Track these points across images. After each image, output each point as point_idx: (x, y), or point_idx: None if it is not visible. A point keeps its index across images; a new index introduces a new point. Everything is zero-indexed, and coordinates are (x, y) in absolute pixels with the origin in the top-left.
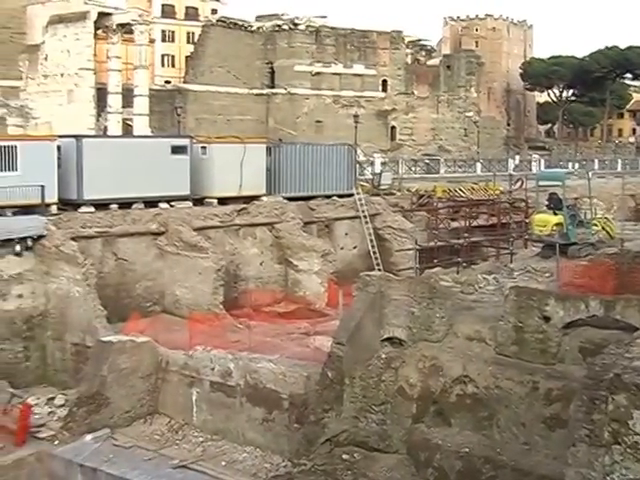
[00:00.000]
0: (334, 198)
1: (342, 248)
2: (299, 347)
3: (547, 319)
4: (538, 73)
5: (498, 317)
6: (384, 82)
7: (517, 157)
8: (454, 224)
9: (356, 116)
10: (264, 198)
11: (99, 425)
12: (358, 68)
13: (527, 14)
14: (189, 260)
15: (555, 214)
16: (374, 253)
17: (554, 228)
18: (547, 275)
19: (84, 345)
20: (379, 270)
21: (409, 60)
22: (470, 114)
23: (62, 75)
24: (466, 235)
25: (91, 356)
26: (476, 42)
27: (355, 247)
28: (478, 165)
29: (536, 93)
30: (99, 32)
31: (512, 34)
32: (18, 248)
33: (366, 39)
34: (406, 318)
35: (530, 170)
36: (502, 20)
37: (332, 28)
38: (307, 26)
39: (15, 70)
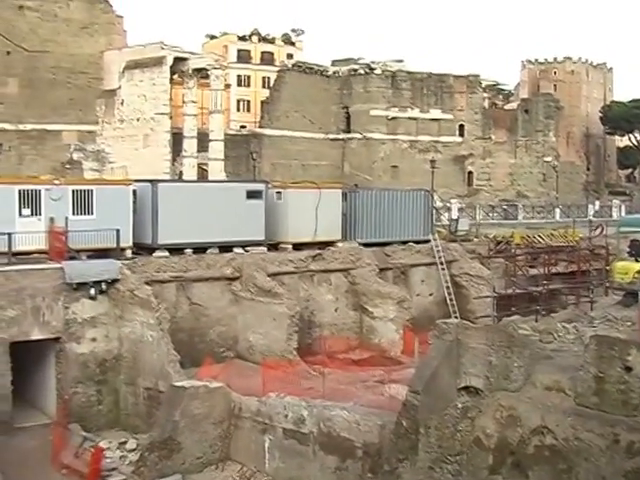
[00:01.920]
0: (410, 244)
1: (418, 295)
2: (374, 395)
3: (629, 369)
4: (618, 117)
5: (578, 367)
6: (461, 127)
7: (597, 203)
8: (533, 271)
9: (433, 161)
10: (339, 244)
11: (170, 470)
12: (435, 112)
13: (607, 56)
14: (263, 306)
15: (637, 261)
16: (451, 300)
17: (636, 276)
18: (629, 324)
19: (157, 390)
20: (456, 318)
21: (486, 104)
22: (549, 159)
23: (138, 120)
24: (545, 282)
25: (164, 401)
26: (554, 85)
27: (431, 294)
28: (557, 211)
29: (616, 137)
30: (175, 77)
31: (591, 77)
32: (93, 292)
33: (443, 83)
34: (483, 367)
35: (610, 216)
36: (581, 63)
37: (408, 72)
38: (383, 70)
39: (92, 115)
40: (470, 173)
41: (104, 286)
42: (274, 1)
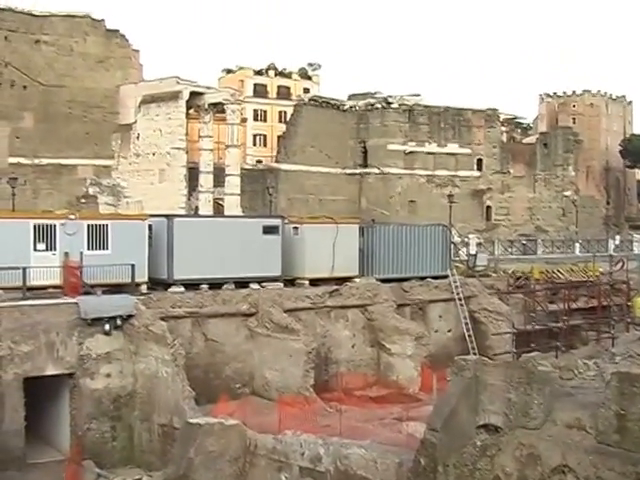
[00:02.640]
0: (428, 280)
1: (436, 331)
2: (391, 433)
3: None
4: (638, 150)
5: (599, 404)
6: (479, 161)
7: (617, 237)
8: (552, 307)
9: (450, 196)
10: (357, 279)
11: None
12: (452, 147)
13: (626, 89)
14: (280, 342)
15: None
16: (469, 336)
17: None
18: None
19: (171, 426)
20: (474, 354)
21: (504, 138)
22: (568, 193)
23: (154, 154)
24: (565, 318)
25: (178, 438)
26: (573, 119)
27: (450, 330)
28: (577, 245)
29: (636, 170)
30: (191, 111)
31: (611, 110)
32: (107, 327)
33: (460, 117)
34: (502, 404)
35: (631, 250)
36: (600, 96)
37: (425, 106)
38: (400, 104)
39: (107, 149)
40: (488, 208)
41: (119, 321)
42: (291, 35)
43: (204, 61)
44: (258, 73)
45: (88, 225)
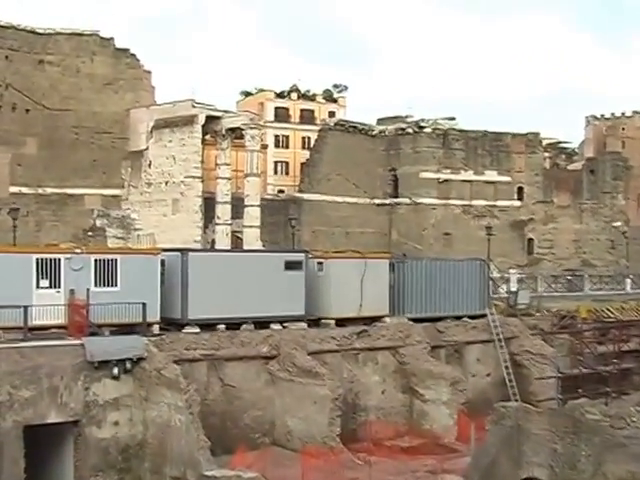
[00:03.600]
0: (465, 319)
1: (474, 375)
2: None
3: None
4: None
5: None
6: (520, 189)
7: None
8: (601, 349)
9: (489, 227)
10: (387, 319)
11: None
12: (490, 174)
13: None
14: (303, 387)
15: None
16: (510, 381)
17: None
18: None
19: (185, 479)
20: (516, 401)
21: (547, 165)
22: (617, 224)
23: (167, 183)
24: (615, 361)
25: None
26: (623, 143)
27: (488, 374)
28: (628, 281)
29: None
30: (207, 137)
31: None
32: (116, 371)
33: (499, 142)
34: (547, 456)
35: None
36: None
37: (461, 131)
38: (434, 129)
39: (117, 178)
40: (530, 240)
41: (128, 365)
42: (314, 55)
43: (221, 83)
44: (279, 96)
45: (95, 260)
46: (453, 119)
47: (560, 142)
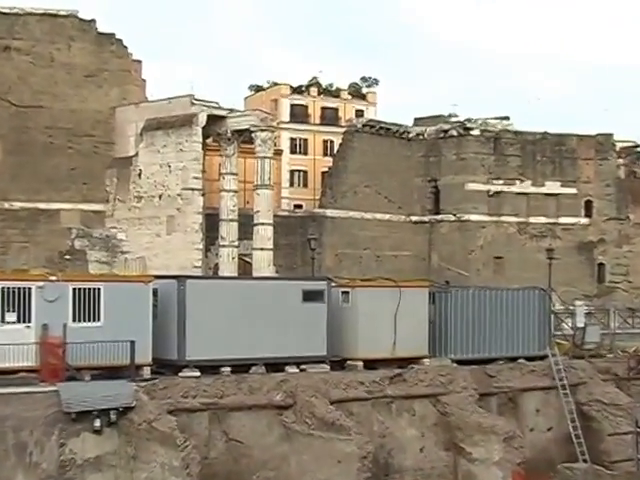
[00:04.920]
0: (521, 361)
1: (532, 430)
2: None
3: None
4: None
5: None
6: (588, 204)
7: None
8: None
9: (550, 250)
10: (426, 361)
11: None
12: (552, 186)
13: None
14: (324, 443)
15: None
16: (577, 437)
17: None
18: None
19: None
20: (584, 461)
21: (622, 174)
22: None
23: (161, 197)
24: None
25: None
26: None
27: (550, 429)
28: None
29: None
30: (209, 141)
31: None
32: (97, 423)
33: (563, 147)
34: None
35: None
36: None
37: (516, 132)
38: (483, 131)
39: (100, 190)
40: (601, 265)
41: (113, 416)
42: (338, 43)
43: (226, 76)
44: (296, 91)
45: (74, 289)
46: (507, 119)
47: (638, 145)
